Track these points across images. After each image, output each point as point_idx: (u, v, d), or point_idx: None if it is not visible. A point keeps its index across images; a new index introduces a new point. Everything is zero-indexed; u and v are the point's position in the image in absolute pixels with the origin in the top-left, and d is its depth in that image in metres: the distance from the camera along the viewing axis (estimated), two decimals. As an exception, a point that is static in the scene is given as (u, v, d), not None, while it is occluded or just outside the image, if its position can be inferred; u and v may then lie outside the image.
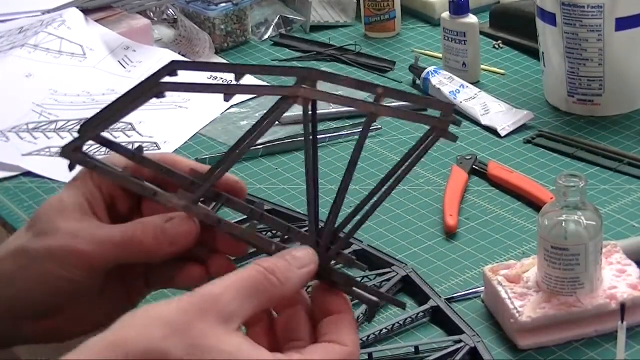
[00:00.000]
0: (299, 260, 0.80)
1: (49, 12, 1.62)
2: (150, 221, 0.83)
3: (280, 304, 0.80)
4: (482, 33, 1.48)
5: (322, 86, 0.77)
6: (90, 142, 0.84)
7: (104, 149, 0.86)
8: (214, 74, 1.49)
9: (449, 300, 1.00)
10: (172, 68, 0.82)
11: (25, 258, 0.87)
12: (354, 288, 0.79)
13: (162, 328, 0.73)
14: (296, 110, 0.77)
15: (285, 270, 0.79)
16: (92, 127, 0.84)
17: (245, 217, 0.82)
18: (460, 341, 0.94)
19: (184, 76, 0.81)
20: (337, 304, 0.80)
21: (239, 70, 0.82)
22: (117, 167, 0.83)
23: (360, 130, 0.75)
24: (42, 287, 0.85)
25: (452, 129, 0.72)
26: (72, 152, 0.82)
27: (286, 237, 0.83)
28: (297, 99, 0.77)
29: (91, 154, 0.84)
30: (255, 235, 0.82)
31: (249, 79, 1.02)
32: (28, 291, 0.86)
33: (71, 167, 0.86)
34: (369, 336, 0.96)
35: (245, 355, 0.74)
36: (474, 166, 1.22)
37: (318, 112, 0.77)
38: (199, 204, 0.81)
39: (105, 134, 0.85)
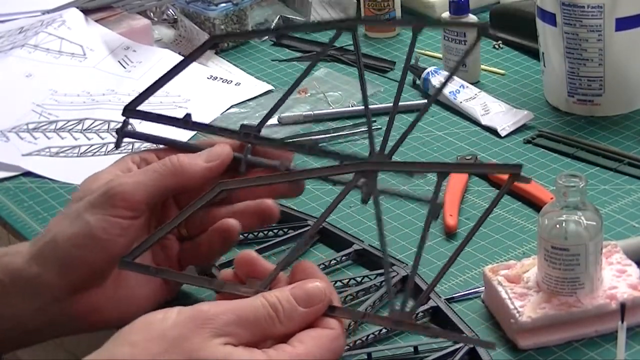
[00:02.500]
0: (307, 299, 0.81)
1: (48, 12, 1.62)
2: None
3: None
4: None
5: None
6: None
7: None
8: (214, 74, 1.49)
9: (449, 300, 1.00)
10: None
11: (63, 219, 0.91)
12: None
13: (159, 343, 0.76)
14: (296, 110, 0.77)
15: (289, 311, 0.80)
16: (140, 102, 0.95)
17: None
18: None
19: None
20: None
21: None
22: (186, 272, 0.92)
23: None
24: (82, 239, 0.89)
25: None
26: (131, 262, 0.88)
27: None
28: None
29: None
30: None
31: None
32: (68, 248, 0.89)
33: (117, 145, 0.97)
34: (368, 336, 0.95)
35: (236, 356, 0.76)
36: (474, 166, 1.22)
37: (317, 112, 0.78)
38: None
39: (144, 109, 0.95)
